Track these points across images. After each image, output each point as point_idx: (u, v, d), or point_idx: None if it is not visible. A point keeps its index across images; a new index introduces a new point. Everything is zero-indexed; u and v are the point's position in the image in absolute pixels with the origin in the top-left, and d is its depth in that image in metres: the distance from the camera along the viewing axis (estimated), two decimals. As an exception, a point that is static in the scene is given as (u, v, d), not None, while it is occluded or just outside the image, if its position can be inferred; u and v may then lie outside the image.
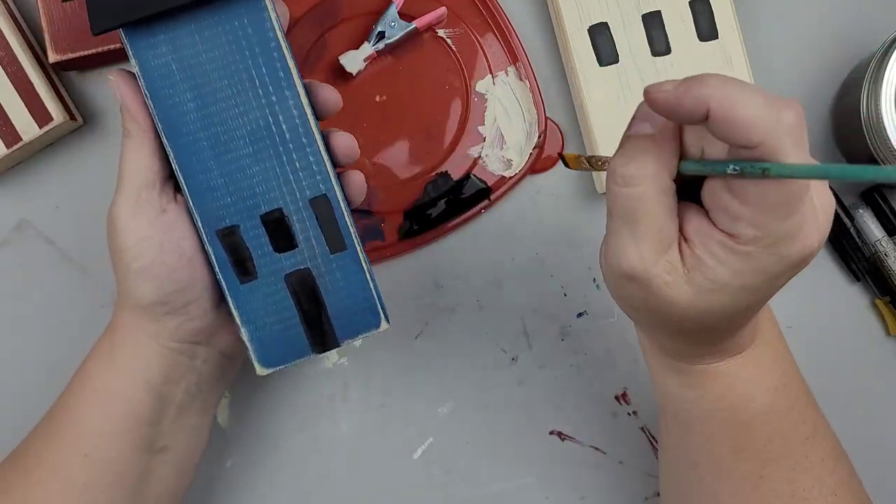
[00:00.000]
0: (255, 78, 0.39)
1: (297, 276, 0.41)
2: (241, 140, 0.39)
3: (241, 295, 0.41)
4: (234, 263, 0.40)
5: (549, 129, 0.53)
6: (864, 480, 0.54)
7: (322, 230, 0.41)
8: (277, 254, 0.40)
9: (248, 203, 0.40)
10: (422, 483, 0.53)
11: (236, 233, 0.40)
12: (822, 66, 0.55)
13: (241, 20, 0.38)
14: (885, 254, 0.53)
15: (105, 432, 0.41)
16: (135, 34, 0.38)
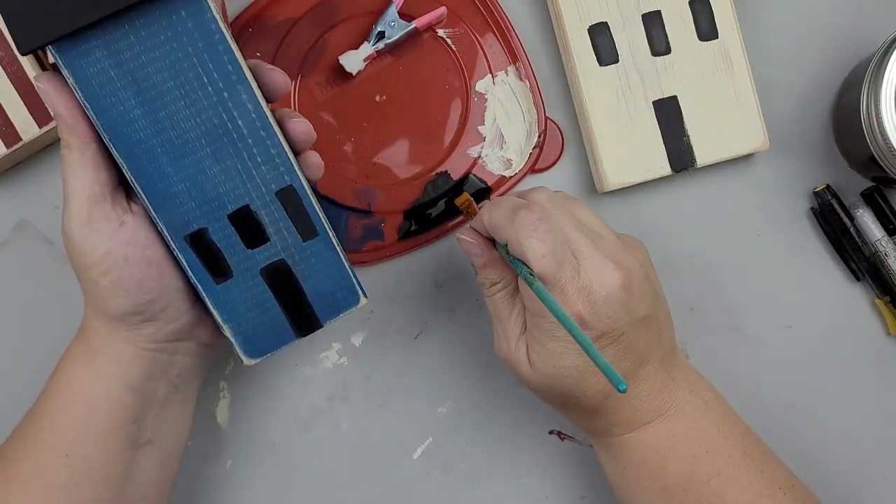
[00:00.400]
0: (203, 75, 0.36)
1: (272, 268, 0.40)
2: (198, 142, 0.38)
3: (218, 295, 0.40)
4: (207, 266, 0.40)
5: (549, 128, 0.53)
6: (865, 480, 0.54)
7: (292, 220, 0.40)
8: (250, 249, 0.40)
9: (214, 204, 0.39)
10: (422, 483, 0.53)
11: (205, 235, 0.39)
12: (822, 66, 0.55)
13: (179, 14, 0.35)
14: (885, 254, 0.53)
15: (88, 433, 0.41)
16: (64, 46, 0.34)
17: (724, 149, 0.52)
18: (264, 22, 0.52)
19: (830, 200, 0.53)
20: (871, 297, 0.54)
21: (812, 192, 0.54)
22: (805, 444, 0.53)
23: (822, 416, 0.54)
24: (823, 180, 0.54)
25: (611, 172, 0.51)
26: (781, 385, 0.54)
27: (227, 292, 0.40)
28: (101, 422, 0.41)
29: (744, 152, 0.52)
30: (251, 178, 0.39)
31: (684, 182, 0.54)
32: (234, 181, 0.39)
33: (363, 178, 0.52)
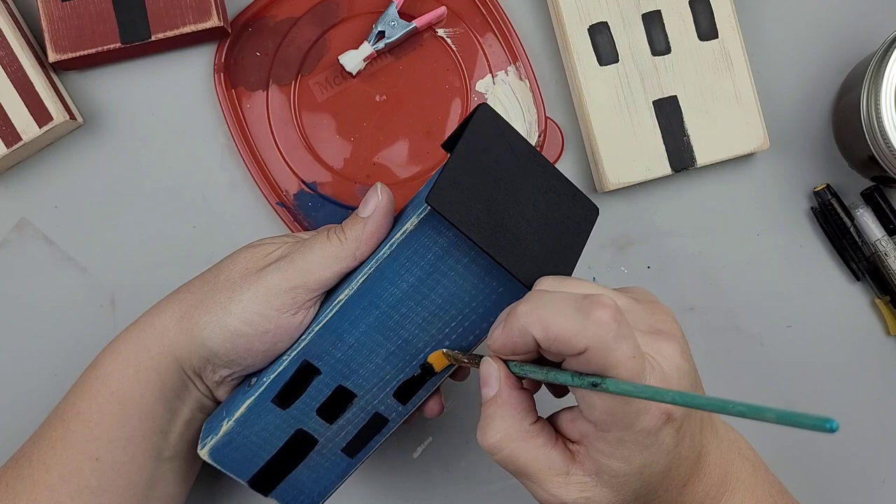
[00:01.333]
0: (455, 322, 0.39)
1: (306, 437, 0.42)
2: (397, 339, 0.40)
3: (259, 408, 0.40)
4: (285, 389, 0.40)
5: (548, 128, 0.53)
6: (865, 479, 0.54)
7: (357, 434, 0.42)
8: (315, 414, 0.41)
9: (345, 370, 0.40)
10: (421, 482, 0.53)
11: (313, 375, 0.40)
12: (822, 66, 0.55)
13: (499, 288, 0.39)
14: (885, 253, 0.53)
15: (119, 437, 0.41)
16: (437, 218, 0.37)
17: (724, 149, 0.52)
18: (264, 22, 0.52)
19: (830, 200, 0.53)
20: (871, 296, 0.54)
21: (812, 192, 0.54)
22: (805, 443, 0.53)
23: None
24: (823, 180, 0.54)
25: (611, 172, 0.51)
26: (782, 384, 0.54)
27: (265, 412, 0.41)
28: (132, 426, 0.41)
29: (744, 152, 0.52)
30: (382, 390, 0.41)
31: (684, 182, 0.54)
32: (373, 378, 0.41)
33: (363, 177, 0.52)
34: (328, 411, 0.41)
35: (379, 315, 0.39)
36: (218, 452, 0.41)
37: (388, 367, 0.41)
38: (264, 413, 0.40)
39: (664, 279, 0.54)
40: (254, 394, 0.40)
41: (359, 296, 0.39)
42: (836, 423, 0.25)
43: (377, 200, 0.39)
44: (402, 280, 0.39)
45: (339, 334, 0.40)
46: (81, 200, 0.53)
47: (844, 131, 0.53)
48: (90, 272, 0.53)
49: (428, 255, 0.38)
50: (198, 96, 0.53)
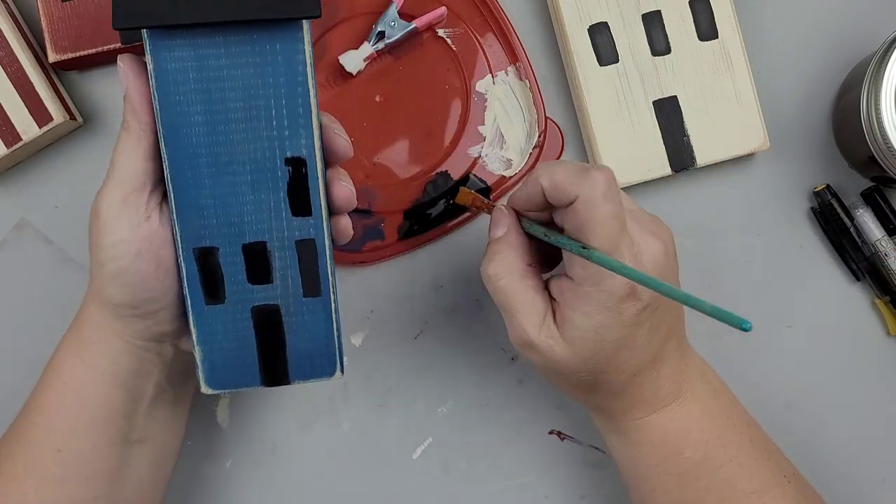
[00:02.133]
0: (273, 108, 0.37)
1: (264, 309, 0.40)
2: (242, 166, 0.38)
3: (203, 316, 0.40)
4: (204, 284, 0.39)
5: (549, 128, 0.53)
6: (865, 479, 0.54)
7: (301, 272, 0.40)
8: (250, 284, 0.39)
9: (234, 229, 0.39)
10: (421, 482, 0.53)
11: (214, 255, 0.39)
12: (822, 66, 0.55)
13: (274, 45, 0.36)
14: (885, 253, 0.53)
15: (78, 427, 0.41)
16: (157, 33, 0.35)
17: (724, 149, 0.52)
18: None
19: (830, 200, 0.53)
20: (871, 296, 0.54)
21: (812, 192, 0.54)
22: (805, 443, 0.53)
23: (821, 416, 0.54)
24: (823, 180, 0.54)
25: (611, 172, 0.51)
26: (781, 384, 0.54)
27: (212, 316, 0.40)
28: (91, 415, 0.41)
29: (744, 152, 0.52)
30: (278, 219, 0.39)
31: (684, 182, 0.54)
32: (262, 215, 0.39)
33: (363, 177, 0.52)
34: (258, 273, 0.39)
35: (207, 159, 0.37)
36: (213, 380, 0.40)
37: (263, 195, 0.38)
38: (211, 318, 0.39)
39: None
40: (189, 309, 0.39)
41: (174, 158, 0.37)
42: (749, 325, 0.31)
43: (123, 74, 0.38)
44: (193, 113, 0.37)
45: (196, 204, 0.38)
46: (81, 200, 0.53)
47: (844, 131, 0.53)
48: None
49: (189, 74, 0.36)
50: (198, 96, 0.53)
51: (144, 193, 0.38)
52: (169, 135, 0.37)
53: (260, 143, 0.37)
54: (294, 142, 0.38)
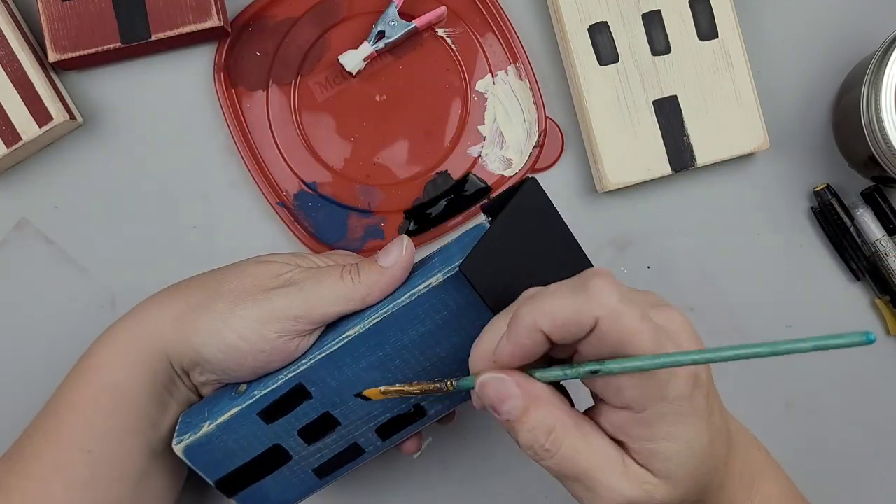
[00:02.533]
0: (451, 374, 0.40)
1: (278, 450, 0.42)
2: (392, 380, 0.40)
3: (244, 417, 0.41)
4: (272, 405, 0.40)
5: (549, 128, 0.53)
6: (865, 480, 0.54)
7: (329, 460, 0.42)
8: (295, 433, 0.41)
9: (334, 400, 0.41)
10: (421, 482, 0.53)
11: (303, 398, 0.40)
12: (822, 66, 0.55)
13: None
14: (885, 253, 0.53)
15: (111, 428, 0.41)
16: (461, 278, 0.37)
17: (724, 148, 0.52)
18: (264, 22, 0.52)
19: (830, 200, 0.53)
20: (871, 296, 0.54)
21: (812, 192, 0.54)
22: (805, 443, 0.53)
23: (821, 416, 0.54)
24: (823, 180, 0.54)
25: (611, 172, 0.51)
26: (781, 384, 0.54)
27: (246, 422, 0.41)
28: (124, 418, 0.41)
29: (744, 152, 0.52)
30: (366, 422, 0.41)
31: (684, 182, 0.54)
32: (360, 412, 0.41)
33: (363, 177, 0.52)
34: (309, 434, 0.41)
35: (382, 356, 0.39)
36: (193, 451, 0.41)
37: (378, 404, 0.41)
38: (247, 423, 0.41)
39: (664, 279, 0.54)
40: (242, 404, 0.40)
41: (367, 335, 0.39)
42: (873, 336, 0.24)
43: (399, 254, 0.39)
44: (414, 329, 0.39)
45: (338, 365, 0.40)
46: (81, 200, 0.53)
47: (844, 131, 0.53)
48: (90, 272, 0.53)
49: (444, 312, 0.39)
50: (198, 96, 0.53)
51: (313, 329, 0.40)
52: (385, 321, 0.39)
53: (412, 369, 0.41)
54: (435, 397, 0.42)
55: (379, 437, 0.42)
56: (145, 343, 0.41)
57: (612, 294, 0.31)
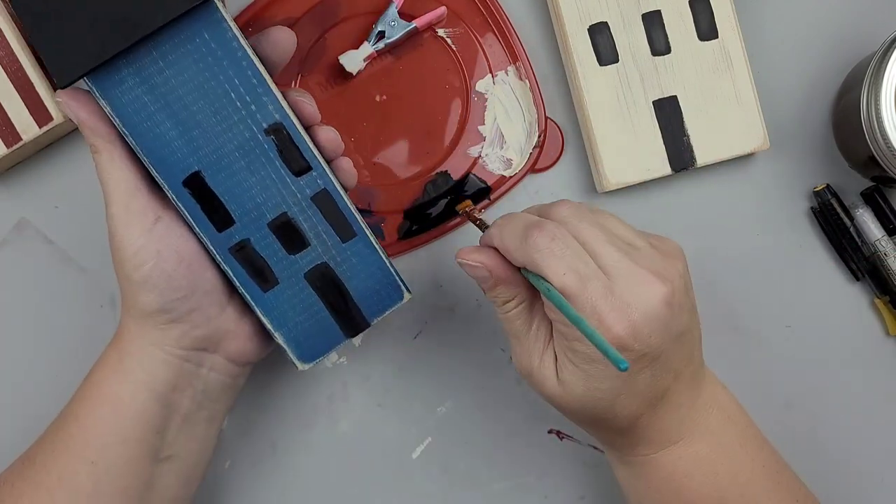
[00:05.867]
0: (230, 91, 0.38)
1: (315, 271, 0.41)
2: (232, 155, 0.39)
3: (266, 303, 0.41)
4: (253, 275, 0.41)
5: (549, 128, 0.53)
6: (864, 480, 0.54)
7: (329, 223, 0.41)
8: (292, 255, 0.41)
9: (253, 215, 0.40)
10: (420, 483, 0.53)
11: (248, 245, 0.40)
12: (822, 66, 0.55)
13: (202, 36, 0.37)
14: (885, 253, 0.53)
15: (113, 441, 0.41)
16: (99, 77, 0.36)
17: (724, 149, 0.52)
18: (264, 22, 0.52)
19: (830, 200, 0.53)
20: (871, 296, 0.54)
21: (812, 192, 0.54)
22: (805, 443, 0.53)
23: (821, 416, 0.54)
24: (823, 180, 0.54)
25: (611, 172, 0.51)
26: (781, 385, 0.54)
27: (274, 299, 0.41)
28: (125, 429, 0.41)
29: (744, 152, 0.52)
30: (286, 186, 0.40)
31: (684, 182, 0.54)
32: (270, 190, 0.40)
33: (363, 177, 0.52)
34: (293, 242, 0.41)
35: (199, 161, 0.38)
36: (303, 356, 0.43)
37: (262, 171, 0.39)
38: (274, 302, 0.41)
39: (664, 279, 0.54)
40: (252, 303, 0.41)
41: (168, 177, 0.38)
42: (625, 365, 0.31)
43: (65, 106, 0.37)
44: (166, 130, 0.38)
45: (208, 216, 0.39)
46: (81, 200, 0.53)
47: (844, 131, 0.53)
48: (90, 272, 0.53)
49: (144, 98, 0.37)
50: (198, 96, 0.53)
51: (142, 198, 0.39)
52: (154, 159, 0.38)
53: (236, 128, 0.38)
54: (264, 112, 0.38)
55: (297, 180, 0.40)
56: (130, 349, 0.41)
57: (538, 250, 0.37)
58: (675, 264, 0.39)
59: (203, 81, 0.37)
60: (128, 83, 0.36)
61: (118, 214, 0.39)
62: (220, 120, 0.38)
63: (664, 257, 0.39)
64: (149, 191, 0.39)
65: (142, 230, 0.39)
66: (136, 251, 0.39)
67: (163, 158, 0.38)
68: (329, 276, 0.42)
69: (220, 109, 0.38)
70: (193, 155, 0.38)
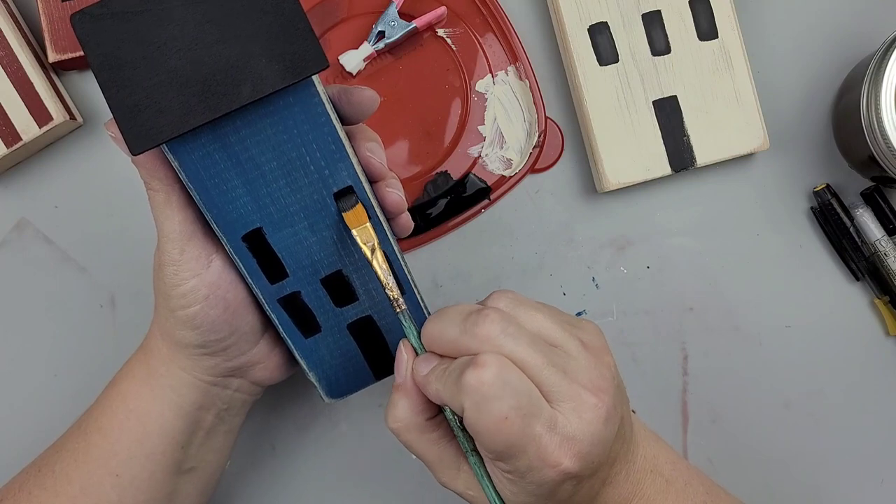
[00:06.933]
0: (307, 155, 0.36)
1: (359, 323, 0.41)
2: (296, 215, 0.37)
3: (306, 348, 0.41)
4: (298, 324, 0.41)
5: (549, 128, 0.53)
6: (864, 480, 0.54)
7: None
8: (339, 308, 0.41)
9: (308, 270, 0.39)
10: (420, 483, 0.53)
11: (298, 298, 0.40)
12: (822, 66, 0.55)
13: (290, 106, 0.34)
14: (885, 253, 0.53)
15: (138, 454, 0.41)
16: (175, 141, 0.33)
17: (724, 149, 0.52)
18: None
19: (830, 200, 0.53)
20: (871, 296, 0.54)
21: (812, 192, 0.54)
22: (804, 443, 0.53)
23: (821, 416, 0.54)
24: (823, 180, 0.54)
25: (611, 172, 0.51)
26: (781, 384, 0.54)
27: (315, 345, 0.41)
28: (151, 444, 0.41)
29: (744, 152, 0.52)
30: (345, 247, 0.39)
31: (684, 182, 0.54)
32: (329, 250, 0.39)
33: (363, 177, 0.52)
34: (342, 297, 0.40)
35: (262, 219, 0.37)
36: (332, 392, 0.43)
37: (324, 232, 0.38)
38: (314, 347, 0.41)
39: (664, 279, 0.54)
40: (292, 348, 0.41)
41: (230, 234, 0.37)
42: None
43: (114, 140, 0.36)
44: (232, 188, 0.36)
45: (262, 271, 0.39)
46: (81, 200, 0.53)
47: (844, 131, 0.53)
48: (90, 272, 0.53)
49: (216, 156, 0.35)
50: (198, 96, 0.53)
51: (198, 243, 0.38)
52: (217, 217, 0.36)
53: (306, 190, 0.37)
54: (337, 176, 0.37)
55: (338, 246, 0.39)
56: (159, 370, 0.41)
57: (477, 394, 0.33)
58: (606, 363, 0.37)
59: (279, 143, 0.35)
60: (202, 141, 0.34)
61: (172, 255, 0.38)
62: (290, 181, 0.36)
63: (596, 360, 0.37)
64: (203, 234, 0.38)
65: (193, 273, 0.38)
66: (185, 293, 0.38)
67: (225, 213, 0.36)
68: (371, 327, 0.42)
69: (293, 171, 0.36)
70: (257, 212, 0.37)
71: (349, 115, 0.38)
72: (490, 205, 0.53)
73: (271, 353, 0.43)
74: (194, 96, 0.31)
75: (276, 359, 0.43)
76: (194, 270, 0.38)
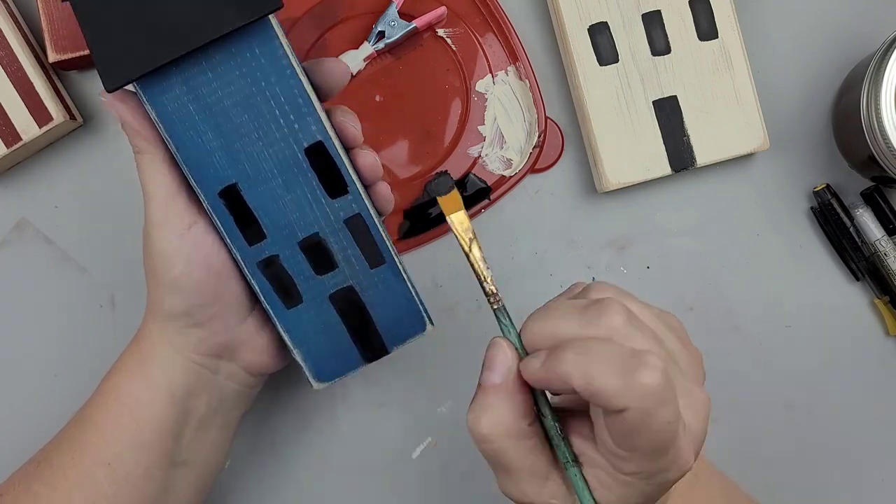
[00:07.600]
0: (276, 108, 0.37)
1: (340, 294, 0.41)
2: (270, 171, 0.38)
3: (288, 319, 0.41)
4: (278, 291, 0.41)
5: (549, 128, 0.53)
6: (864, 480, 0.54)
7: (359, 247, 0.41)
8: (319, 276, 0.41)
9: (285, 232, 0.40)
10: (421, 482, 0.53)
11: (277, 262, 0.40)
12: (822, 66, 0.55)
13: (253, 51, 0.36)
14: (885, 253, 0.53)
15: (130, 444, 0.41)
16: (147, 82, 0.36)
17: (724, 149, 0.52)
18: (264, 22, 0.52)
19: (830, 200, 0.53)
20: (871, 296, 0.54)
21: (812, 192, 0.54)
22: (805, 443, 0.53)
23: (821, 416, 0.54)
24: (823, 180, 0.54)
25: (611, 172, 0.51)
26: (781, 384, 0.54)
27: (297, 317, 0.41)
28: (143, 433, 0.41)
29: (744, 152, 0.52)
30: (320, 207, 0.40)
31: (684, 182, 0.54)
32: (305, 210, 0.39)
33: (363, 177, 0.52)
34: (321, 263, 0.41)
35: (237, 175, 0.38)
36: (320, 374, 0.43)
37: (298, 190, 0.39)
38: (296, 319, 0.41)
39: (664, 279, 0.54)
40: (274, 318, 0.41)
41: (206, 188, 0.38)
42: None
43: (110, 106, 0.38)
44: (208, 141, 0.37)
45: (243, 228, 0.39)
46: (81, 200, 0.53)
47: (844, 131, 0.53)
48: (90, 272, 0.53)
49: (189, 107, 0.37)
50: (198, 96, 0.53)
51: (180, 201, 0.39)
52: (192, 168, 0.38)
53: (277, 145, 0.38)
54: (306, 131, 0.38)
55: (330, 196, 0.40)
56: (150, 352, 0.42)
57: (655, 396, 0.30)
58: (697, 354, 0.35)
59: (249, 95, 0.37)
60: (175, 91, 0.36)
61: (156, 215, 0.39)
62: (262, 135, 0.38)
63: (690, 352, 0.35)
64: (187, 196, 0.39)
65: (176, 233, 0.39)
66: (169, 253, 0.39)
67: (202, 167, 0.38)
68: (354, 300, 0.42)
69: (263, 124, 0.37)
70: (232, 167, 0.38)
71: (320, 84, 0.39)
72: (490, 205, 0.53)
73: (258, 334, 0.43)
74: (163, 38, 0.35)
75: (262, 341, 0.43)
76: (178, 229, 0.39)
